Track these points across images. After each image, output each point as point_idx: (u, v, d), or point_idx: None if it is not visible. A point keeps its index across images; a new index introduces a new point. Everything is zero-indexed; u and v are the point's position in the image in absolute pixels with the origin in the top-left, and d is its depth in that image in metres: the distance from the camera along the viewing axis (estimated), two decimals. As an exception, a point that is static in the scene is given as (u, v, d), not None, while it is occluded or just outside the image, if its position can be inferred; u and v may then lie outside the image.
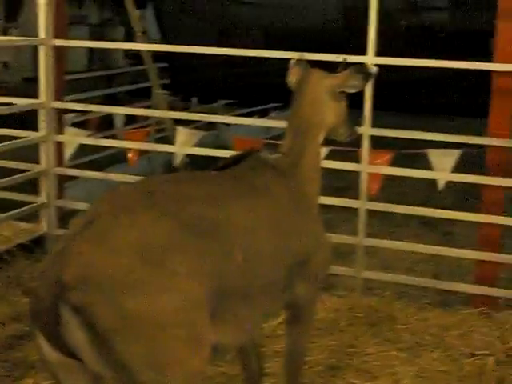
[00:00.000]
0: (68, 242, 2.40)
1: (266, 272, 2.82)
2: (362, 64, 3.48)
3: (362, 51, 4.93)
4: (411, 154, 6.04)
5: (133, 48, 9.21)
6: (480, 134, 5.23)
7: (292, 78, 3.47)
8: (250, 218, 2.83)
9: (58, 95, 6.02)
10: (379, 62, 4.88)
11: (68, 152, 6.14)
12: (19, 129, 6.15)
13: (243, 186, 2.98)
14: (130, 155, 6.05)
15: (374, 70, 3.36)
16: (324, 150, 5.33)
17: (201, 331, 2.45)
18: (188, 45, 5.62)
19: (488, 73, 4.96)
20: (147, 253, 2.36)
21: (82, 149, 6.42)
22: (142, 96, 10.06)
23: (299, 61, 3.52)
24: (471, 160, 5.57)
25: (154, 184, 2.75)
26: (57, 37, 5.82)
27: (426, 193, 7.68)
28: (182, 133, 5.86)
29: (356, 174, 5.25)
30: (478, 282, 5.16)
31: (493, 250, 5.04)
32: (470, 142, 4.95)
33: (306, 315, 3.21)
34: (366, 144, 5.07)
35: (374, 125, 5.11)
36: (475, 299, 5.14)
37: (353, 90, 3.38)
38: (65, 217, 6.47)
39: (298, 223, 3.08)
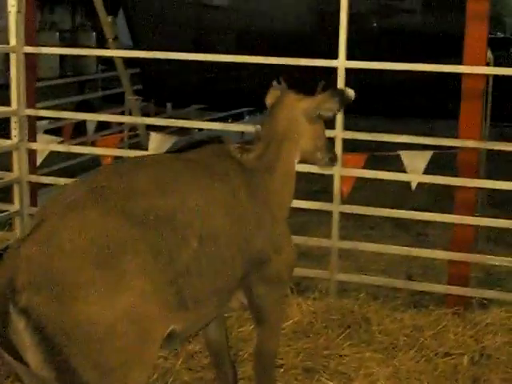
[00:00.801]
0: (18, 245, 2.39)
1: (221, 258, 2.81)
2: (339, 88, 3.48)
3: (335, 55, 4.95)
4: (384, 156, 6.09)
5: (105, 54, 9.18)
6: (452, 135, 5.29)
7: (269, 99, 3.48)
8: (205, 200, 2.82)
9: (30, 102, 5.98)
10: (350, 66, 4.93)
11: (39, 159, 6.09)
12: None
13: (199, 168, 2.96)
14: (104, 161, 6.01)
15: (352, 93, 3.39)
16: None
17: (150, 328, 2.46)
18: (160, 51, 5.62)
19: (460, 75, 5.02)
20: (95, 254, 2.36)
21: (56, 156, 6.39)
22: (114, 102, 10.03)
23: (278, 83, 3.53)
24: (443, 161, 5.64)
25: (101, 179, 2.68)
26: (27, 44, 5.79)
27: (400, 194, 7.75)
28: (155, 138, 5.85)
29: (331, 176, 5.28)
30: (451, 282, 5.21)
31: (465, 251, 5.10)
32: (440, 143, 5.01)
33: (270, 317, 3.21)
34: (338, 146, 5.09)
35: (347, 128, 5.15)
36: (449, 299, 5.20)
37: (329, 114, 3.37)
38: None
39: (256, 219, 3.07)
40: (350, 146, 5.35)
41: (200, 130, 9.96)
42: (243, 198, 3.04)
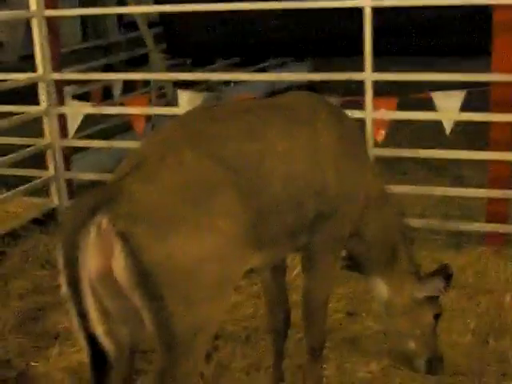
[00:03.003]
0: (119, 180, 2.54)
1: (300, 200, 2.92)
2: (441, 267, 3.46)
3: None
4: (416, 100, 5.98)
5: (126, 12, 9.12)
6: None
7: None
8: (290, 145, 2.93)
9: (56, 67, 5.98)
10: (376, 5, 4.83)
11: (73, 125, 6.08)
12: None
13: (287, 114, 3.04)
14: (135, 122, 5.95)
15: (452, 269, 3.41)
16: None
17: (232, 267, 2.63)
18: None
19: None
20: (191, 193, 2.54)
21: (85, 121, 6.41)
22: (139, 65, 9.98)
23: None
24: (476, 102, 5.52)
25: (196, 123, 2.84)
26: (48, 8, 5.77)
27: (432, 139, 7.63)
28: (184, 95, 5.82)
29: (363, 122, 5.20)
30: (490, 220, 5.16)
31: (503, 188, 5.03)
32: (473, 79, 4.90)
33: (320, 265, 3.20)
34: (369, 90, 5.02)
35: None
36: (488, 238, 5.15)
37: (437, 294, 3.41)
38: (75, 189, 6.50)
39: (339, 165, 3.08)
40: (381, 90, 5.27)
41: (227, 85, 9.93)
42: (331, 140, 3.08)
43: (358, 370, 3.80)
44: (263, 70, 10.91)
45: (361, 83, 5.06)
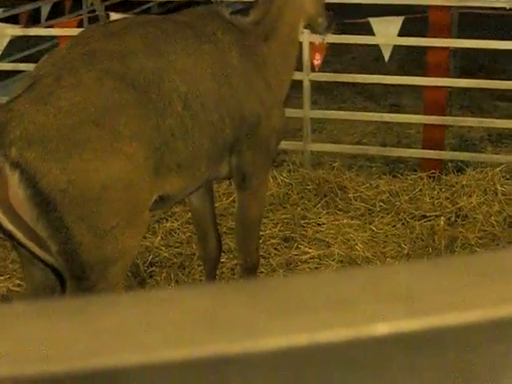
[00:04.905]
0: (11, 102, 2.34)
1: (209, 121, 2.79)
2: None
3: None
4: (353, 26, 5.89)
5: None
6: None
7: None
8: (192, 62, 2.80)
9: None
10: None
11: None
12: None
13: (187, 30, 2.91)
14: (63, 45, 5.73)
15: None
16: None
17: (140, 194, 2.48)
18: None
19: None
20: (92, 113, 2.37)
21: (13, 47, 6.11)
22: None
23: None
24: (413, 29, 5.46)
25: (93, 41, 2.65)
26: None
27: (370, 67, 7.59)
28: (116, 18, 5.60)
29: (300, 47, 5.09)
30: (426, 146, 5.17)
31: (439, 114, 5.03)
32: (411, 2, 4.85)
33: (252, 182, 3.15)
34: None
35: None
36: (424, 163, 5.17)
37: None
38: None
39: (248, 82, 3.00)
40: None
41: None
42: (234, 58, 2.98)
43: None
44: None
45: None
